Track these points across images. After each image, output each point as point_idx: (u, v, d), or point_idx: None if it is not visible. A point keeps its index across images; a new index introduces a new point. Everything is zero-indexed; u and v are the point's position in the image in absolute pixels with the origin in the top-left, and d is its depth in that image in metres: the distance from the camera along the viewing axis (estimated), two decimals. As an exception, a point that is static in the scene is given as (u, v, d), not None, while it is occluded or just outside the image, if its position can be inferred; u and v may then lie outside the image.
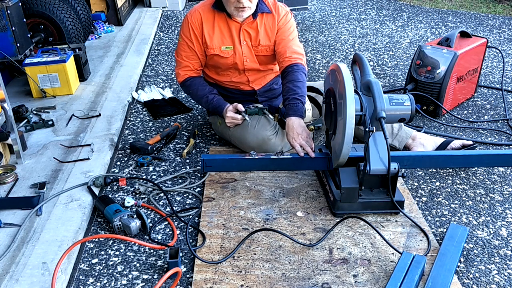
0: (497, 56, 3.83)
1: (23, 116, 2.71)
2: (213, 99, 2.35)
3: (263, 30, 2.32)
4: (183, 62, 2.39)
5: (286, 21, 2.34)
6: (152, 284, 1.63)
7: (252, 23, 2.29)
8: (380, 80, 3.40)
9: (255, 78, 2.45)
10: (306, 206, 2.01)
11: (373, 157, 1.83)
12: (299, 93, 2.19)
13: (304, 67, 2.30)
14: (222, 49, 2.32)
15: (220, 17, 2.29)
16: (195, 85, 2.39)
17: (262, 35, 2.32)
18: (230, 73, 2.42)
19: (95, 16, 4.58)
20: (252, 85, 2.46)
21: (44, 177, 2.19)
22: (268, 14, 2.31)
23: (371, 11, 5.32)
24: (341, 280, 1.61)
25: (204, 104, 2.42)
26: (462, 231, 1.81)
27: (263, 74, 2.46)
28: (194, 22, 2.30)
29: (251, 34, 2.31)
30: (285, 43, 2.32)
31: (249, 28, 2.30)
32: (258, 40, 2.32)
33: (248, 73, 2.42)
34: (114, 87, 3.21)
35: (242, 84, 2.45)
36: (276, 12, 2.33)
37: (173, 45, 4.29)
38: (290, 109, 2.16)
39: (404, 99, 1.88)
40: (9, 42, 2.85)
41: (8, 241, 1.78)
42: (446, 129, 2.68)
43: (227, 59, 2.34)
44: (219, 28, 2.30)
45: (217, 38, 2.31)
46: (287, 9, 2.37)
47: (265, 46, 2.34)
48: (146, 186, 2.14)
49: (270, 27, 2.32)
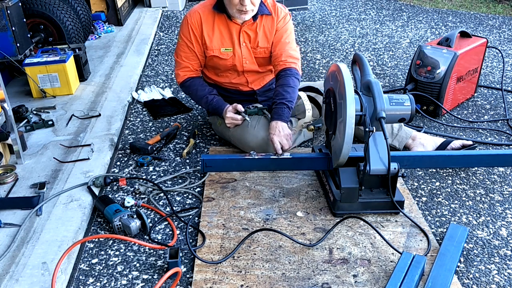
0: (497, 56, 3.83)
1: (23, 116, 2.71)
2: (213, 99, 2.35)
3: (262, 32, 2.32)
4: (182, 63, 2.39)
5: (285, 23, 2.34)
6: (152, 284, 1.63)
7: (252, 25, 2.29)
8: (380, 80, 3.40)
9: (254, 79, 2.45)
10: (306, 206, 2.01)
11: (373, 157, 1.83)
12: (287, 98, 2.21)
13: (297, 71, 2.31)
14: (222, 50, 2.32)
15: (220, 18, 2.28)
16: (194, 85, 2.39)
17: (261, 37, 2.32)
18: (229, 74, 2.42)
19: (95, 16, 4.58)
20: (251, 86, 2.46)
21: (44, 177, 2.19)
22: (268, 16, 2.31)
23: (371, 11, 5.32)
24: (341, 280, 1.61)
25: (203, 104, 2.42)
26: (462, 231, 1.81)
27: (262, 75, 2.47)
28: (194, 23, 2.29)
29: (250, 36, 2.31)
30: (281, 46, 2.32)
31: (248, 30, 2.30)
32: (257, 42, 2.32)
33: (247, 75, 2.42)
34: (114, 87, 3.21)
35: (241, 85, 2.46)
36: (275, 13, 2.32)
37: (173, 45, 4.29)
38: (275, 113, 2.19)
39: (404, 99, 1.88)
40: (9, 42, 2.85)
41: (8, 241, 1.78)
42: (446, 129, 2.68)
43: (226, 60, 2.34)
44: (218, 30, 2.30)
45: (217, 40, 2.30)
46: (286, 11, 2.37)
47: (263, 48, 2.35)
48: (146, 186, 2.14)
49: (269, 29, 2.32)
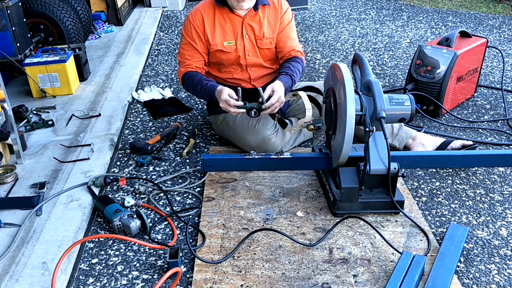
0: (497, 56, 3.83)
1: (23, 116, 2.71)
2: (207, 84, 2.26)
3: (266, 22, 2.33)
4: (185, 62, 2.37)
5: (289, 18, 2.39)
6: (152, 284, 1.63)
7: (255, 16, 2.31)
8: (380, 80, 3.40)
9: (257, 76, 2.44)
10: (306, 206, 2.01)
11: (373, 157, 1.83)
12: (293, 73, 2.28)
13: (303, 62, 2.39)
14: (225, 44, 2.32)
15: (221, 12, 2.30)
16: (191, 76, 2.33)
17: (266, 27, 2.33)
18: (232, 69, 2.41)
19: (95, 16, 4.58)
20: (253, 83, 2.45)
21: (44, 177, 2.19)
22: (269, 7, 2.34)
23: (371, 11, 5.32)
24: (341, 280, 1.61)
25: (199, 92, 2.31)
26: (462, 231, 1.81)
27: (265, 71, 2.44)
28: (196, 20, 2.30)
29: (254, 27, 2.32)
30: (287, 40, 2.38)
31: (251, 22, 2.31)
32: (263, 33, 2.33)
33: (251, 70, 2.41)
34: (114, 87, 3.21)
35: (243, 82, 2.44)
36: (278, 5, 2.36)
37: (173, 45, 4.28)
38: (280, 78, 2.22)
39: (404, 99, 1.88)
40: (9, 42, 2.85)
41: (8, 241, 1.78)
42: (446, 129, 2.68)
43: (230, 54, 2.34)
44: (220, 24, 2.30)
45: (219, 34, 2.31)
46: (287, 5, 2.41)
47: (269, 39, 2.36)
48: (146, 186, 2.14)
49: (273, 19, 2.35)
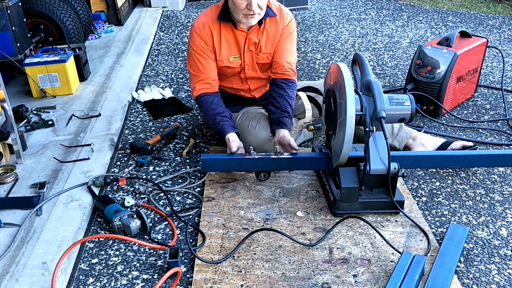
0: (497, 56, 3.83)
1: (23, 116, 2.71)
2: (219, 122, 2.22)
3: (264, 37, 2.27)
4: (200, 76, 2.30)
5: (290, 31, 2.30)
6: (152, 284, 1.63)
7: (258, 30, 2.25)
8: (380, 80, 3.40)
9: (256, 87, 2.44)
10: (306, 206, 2.01)
11: (373, 157, 1.83)
12: (289, 110, 2.22)
13: (296, 85, 2.33)
14: (231, 59, 2.30)
15: (226, 28, 2.24)
16: (206, 103, 2.29)
17: (264, 42, 2.28)
18: (233, 79, 2.41)
19: (95, 16, 4.58)
20: (253, 94, 2.45)
21: (44, 177, 2.19)
22: (272, 20, 2.26)
23: (371, 11, 5.32)
24: (341, 280, 1.61)
25: (211, 125, 2.31)
26: (462, 231, 1.81)
27: (264, 82, 2.43)
28: (204, 35, 2.24)
29: (255, 41, 2.27)
30: (284, 54, 2.30)
31: (253, 36, 2.26)
32: (260, 47, 2.29)
33: (250, 82, 2.41)
34: (114, 87, 3.21)
35: (243, 91, 2.45)
36: (280, 18, 2.27)
37: (173, 45, 4.29)
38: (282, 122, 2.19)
39: (404, 99, 1.88)
40: (9, 42, 2.85)
41: (8, 241, 1.78)
42: (446, 129, 2.68)
43: (235, 68, 2.33)
44: (225, 39, 2.26)
45: (225, 50, 2.28)
46: (291, 16, 2.32)
47: (266, 54, 2.31)
48: (146, 186, 2.14)
49: (273, 34, 2.28)
